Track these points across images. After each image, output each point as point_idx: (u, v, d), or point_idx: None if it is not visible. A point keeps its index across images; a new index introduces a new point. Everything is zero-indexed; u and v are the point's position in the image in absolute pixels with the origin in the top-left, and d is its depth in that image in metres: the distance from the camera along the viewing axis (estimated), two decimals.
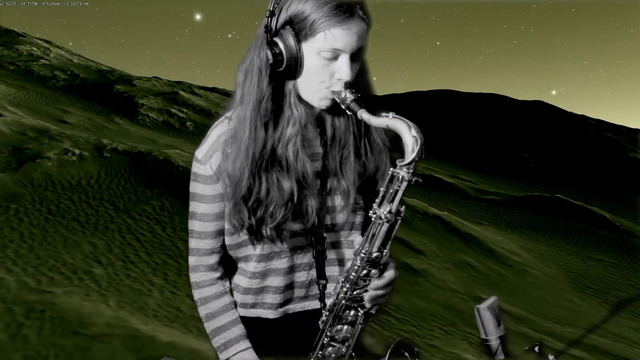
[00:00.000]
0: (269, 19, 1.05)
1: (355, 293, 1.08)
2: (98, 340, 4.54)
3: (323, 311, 1.13)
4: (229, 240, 1.19)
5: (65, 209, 9.23)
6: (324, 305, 1.18)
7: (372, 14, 1.06)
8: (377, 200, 1.02)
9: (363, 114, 1.02)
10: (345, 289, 1.08)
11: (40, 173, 11.00)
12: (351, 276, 1.06)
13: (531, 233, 16.26)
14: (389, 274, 1.08)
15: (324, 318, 1.12)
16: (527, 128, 42.25)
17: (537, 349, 2.41)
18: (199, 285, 1.22)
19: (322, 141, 1.16)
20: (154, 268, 7.11)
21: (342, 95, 1.05)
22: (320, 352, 1.13)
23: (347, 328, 1.11)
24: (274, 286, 1.20)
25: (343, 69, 1.04)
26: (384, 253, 1.05)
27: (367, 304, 1.09)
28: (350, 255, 1.19)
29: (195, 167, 1.16)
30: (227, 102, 1.17)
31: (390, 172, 1.01)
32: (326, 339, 1.12)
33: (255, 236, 1.15)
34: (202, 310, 1.21)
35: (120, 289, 6.16)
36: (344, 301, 1.08)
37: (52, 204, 9.41)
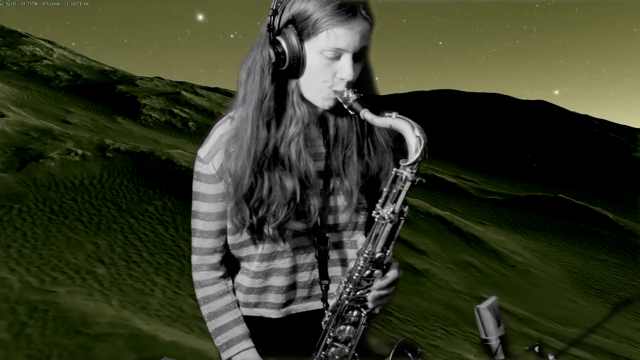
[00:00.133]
0: (272, 18, 1.04)
1: (358, 293, 1.08)
2: (101, 339, 4.55)
3: (326, 312, 1.13)
4: (232, 239, 1.18)
5: (68, 209, 9.25)
6: (327, 305, 1.17)
7: (375, 14, 1.05)
8: (380, 200, 1.02)
9: (366, 114, 1.02)
10: (348, 290, 1.07)
11: (43, 173, 11.02)
12: (354, 276, 1.06)
13: (534, 233, 16.23)
14: (392, 274, 1.08)
15: (327, 318, 1.11)
16: (530, 128, 42.17)
17: (537, 349, 2.40)
18: (202, 284, 1.22)
19: (325, 141, 1.16)
20: (157, 268, 7.12)
21: (345, 94, 1.04)
22: (323, 353, 1.12)
23: (350, 329, 1.11)
24: (277, 286, 1.19)
25: (345, 69, 1.03)
26: (387, 253, 1.04)
27: (370, 305, 1.09)
28: (353, 255, 1.19)
29: (197, 167, 1.16)
30: (230, 102, 1.17)
31: (393, 173, 1.00)
32: (329, 340, 1.12)
33: (257, 236, 1.15)
34: (205, 309, 1.21)
35: (122, 289, 6.17)
36: (347, 302, 1.08)
37: (55, 204, 9.42)
